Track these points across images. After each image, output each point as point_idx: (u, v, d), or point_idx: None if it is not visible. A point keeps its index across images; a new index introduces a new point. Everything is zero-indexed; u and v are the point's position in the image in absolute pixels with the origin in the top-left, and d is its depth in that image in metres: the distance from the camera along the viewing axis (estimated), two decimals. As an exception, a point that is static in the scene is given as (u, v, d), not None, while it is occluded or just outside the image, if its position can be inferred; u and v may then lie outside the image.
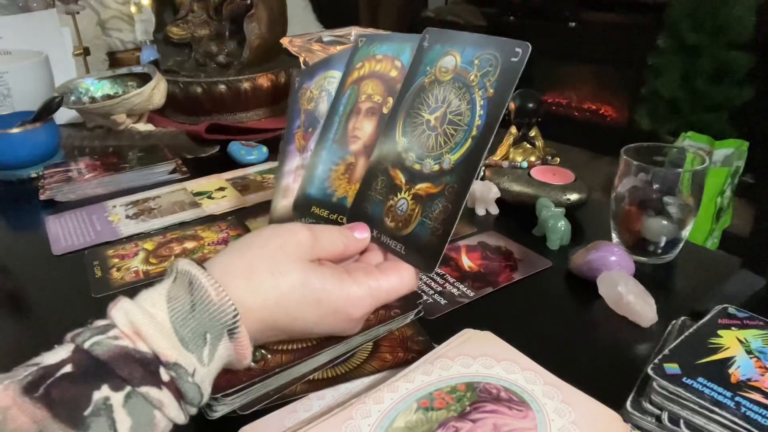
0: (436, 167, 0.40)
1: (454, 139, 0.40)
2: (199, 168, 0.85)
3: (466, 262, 0.60)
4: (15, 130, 0.82)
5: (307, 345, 0.43)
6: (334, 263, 0.39)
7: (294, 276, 0.36)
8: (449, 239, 0.38)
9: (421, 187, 0.41)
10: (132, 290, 0.33)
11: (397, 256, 0.41)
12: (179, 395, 0.31)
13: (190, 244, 0.64)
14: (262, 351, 0.42)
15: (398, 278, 0.39)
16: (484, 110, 0.39)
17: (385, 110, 0.47)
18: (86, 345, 0.30)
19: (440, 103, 0.42)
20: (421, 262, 0.39)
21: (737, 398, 0.36)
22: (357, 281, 0.37)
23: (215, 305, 0.33)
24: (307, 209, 0.50)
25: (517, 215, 0.69)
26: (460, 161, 0.39)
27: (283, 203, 0.55)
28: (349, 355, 0.45)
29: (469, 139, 0.39)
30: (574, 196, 0.68)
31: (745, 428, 0.34)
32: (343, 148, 0.49)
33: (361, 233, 0.42)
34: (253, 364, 0.41)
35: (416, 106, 0.43)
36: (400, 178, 0.42)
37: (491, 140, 0.38)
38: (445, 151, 0.40)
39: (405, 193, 0.42)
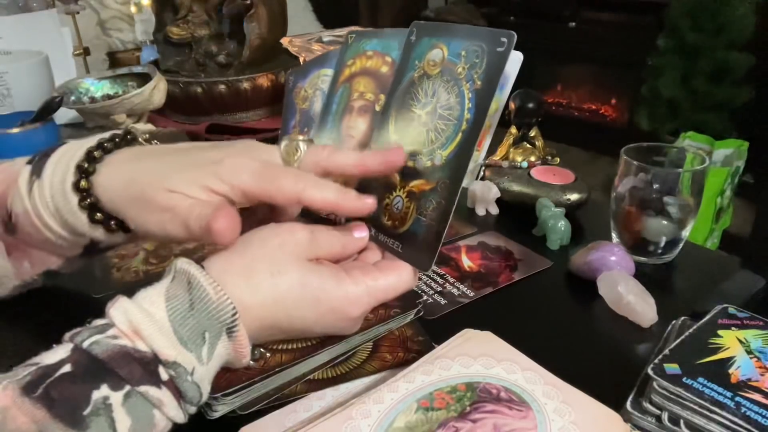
0: (429, 163, 0.40)
1: (444, 134, 0.39)
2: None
3: (466, 262, 0.60)
4: (15, 130, 0.82)
5: (307, 344, 0.43)
6: (332, 262, 0.39)
7: (292, 275, 0.35)
8: (444, 236, 0.38)
9: (415, 184, 0.41)
10: (132, 290, 0.33)
11: (394, 254, 0.40)
12: (178, 394, 0.31)
13: (190, 244, 0.64)
14: (261, 350, 0.42)
15: (396, 277, 0.39)
16: (472, 103, 0.38)
17: (377, 107, 0.46)
18: (85, 344, 0.30)
19: (430, 98, 0.41)
20: (417, 259, 0.39)
21: (737, 398, 0.36)
22: (355, 280, 0.37)
23: (214, 304, 0.33)
24: (305, 209, 0.50)
25: (517, 215, 0.69)
26: (451, 156, 0.39)
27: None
28: (349, 354, 0.45)
29: (459, 134, 0.39)
30: (574, 196, 0.68)
31: (745, 428, 0.34)
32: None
33: (360, 232, 0.42)
34: (252, 362, 0.41)
35: (407, 102, 0.43)
36: (395, 175, 0.42)
37: (480, 134, 0.38)
38: (436, 146, 0.40)
39: (400, 190, 0.41)
